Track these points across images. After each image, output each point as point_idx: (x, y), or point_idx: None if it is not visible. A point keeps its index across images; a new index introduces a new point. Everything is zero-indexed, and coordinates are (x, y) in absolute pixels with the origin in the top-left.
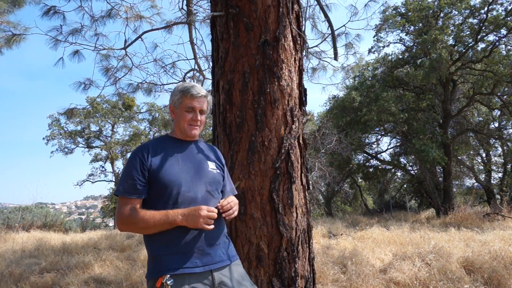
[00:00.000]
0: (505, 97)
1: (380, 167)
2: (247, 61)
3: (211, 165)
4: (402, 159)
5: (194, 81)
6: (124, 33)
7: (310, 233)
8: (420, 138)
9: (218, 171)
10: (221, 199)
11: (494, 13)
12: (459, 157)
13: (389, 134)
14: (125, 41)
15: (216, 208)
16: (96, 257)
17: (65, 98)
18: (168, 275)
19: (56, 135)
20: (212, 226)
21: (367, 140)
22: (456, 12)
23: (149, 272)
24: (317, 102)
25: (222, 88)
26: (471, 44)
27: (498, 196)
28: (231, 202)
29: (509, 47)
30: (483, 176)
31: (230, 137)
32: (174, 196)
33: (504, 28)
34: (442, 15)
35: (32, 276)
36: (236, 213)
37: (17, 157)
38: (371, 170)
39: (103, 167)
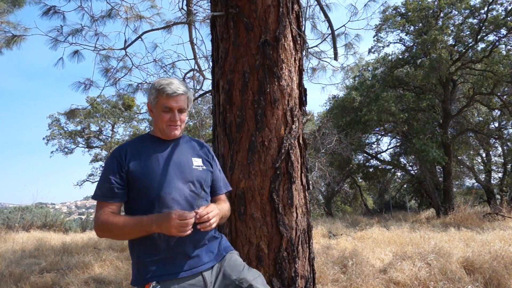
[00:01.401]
0: (505, 97)
1: (380, 167)
2: (247, 61)
3: (196, 162)
4: (402, 159)
5: (193, 82)
6: (124, 33)
7: (310, 233)
8: (420, 138)
9: (204, 167)
10: (213, 195)
11: (494, 13)
12: (459, 157)
13: (389, 134)
14: (125, 41)
15: (195, 212)
16: (96, 257)
17: (65, 98)
18: (155, 282)
19: (56, 135)
20: (188, 232)
21: (367, 140)
22: (456, 12)
23: (134, 278)
24: (317, 102)
25: (222, 88)
26: (471, 44)
27: (498, 196)
28: (210, 213)
29: (509, 47)
30: (483, 176)
31: (230, 137)
32: (153, 199)
33: (504, 28)
34: (442, 15)
35: (32, 276)
36: (214, 225)
37: (17, 157)
38: (371, 170)
39: (103, 167)
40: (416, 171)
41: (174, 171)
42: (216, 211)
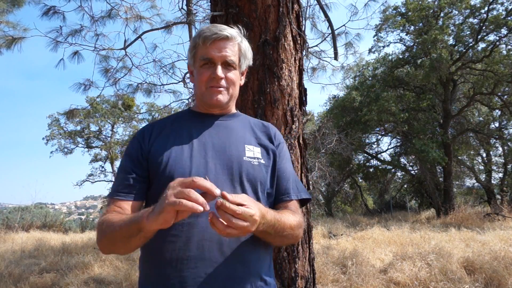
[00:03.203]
0: (505, 97)
1: (380, 167)
2: None
3: (250, 153)
4: (402, 159)
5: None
6: (124, 33)
7: (310, 233)
8: (420, 138)
9: (263, 162)
10: (278, 202)
11: (495, 12)
12: (459, 157)
13: (389, 134)
14: (125, 41)
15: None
16: (95, 257)
17: (64, 98)
18: None
19: (55, 135)
20: (201, 208)
21: (367, 140)
22: (456, 12)
23: None
24: (317, 102)
25: None
26: (471, 44)
27: (498, 196)
28: (243, 206)
29: (509, 46)
30: (484, 176)
31: None
32: None
33: (504, 27)
34: (442, 14)
35: (31, 277)
36: (233, 231)
37: (17, 157)
38: (371, 170)
39: (102, 167)
40: (416, 171)
41: (214, 162)
42: (253, 209)
